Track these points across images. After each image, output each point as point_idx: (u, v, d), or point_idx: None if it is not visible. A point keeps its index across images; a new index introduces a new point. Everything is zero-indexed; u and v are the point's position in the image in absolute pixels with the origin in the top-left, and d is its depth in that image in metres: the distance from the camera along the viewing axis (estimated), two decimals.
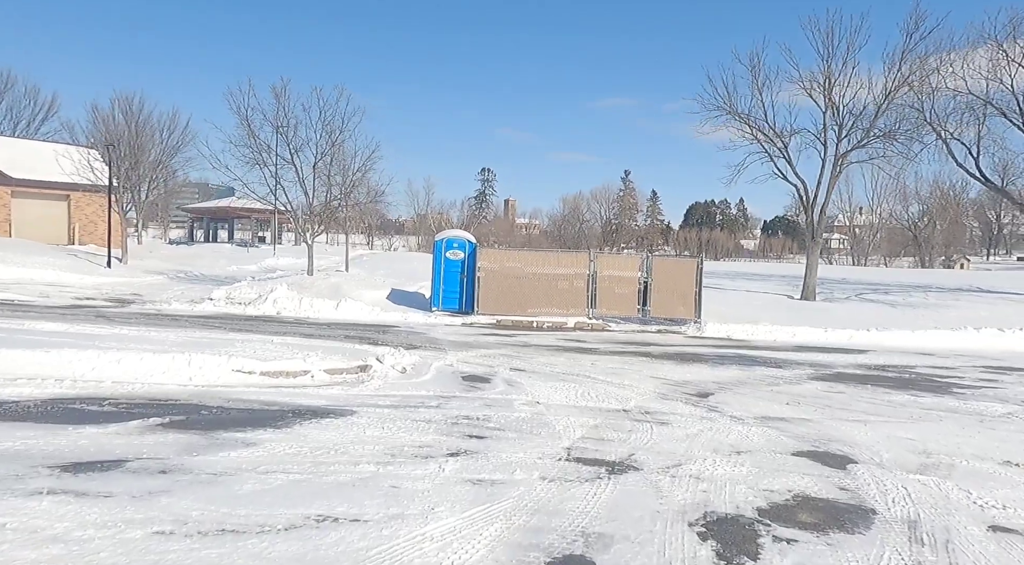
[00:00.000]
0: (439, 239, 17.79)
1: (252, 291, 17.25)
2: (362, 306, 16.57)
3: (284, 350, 8.85)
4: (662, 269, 17.81)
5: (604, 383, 9.59)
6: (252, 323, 13.88)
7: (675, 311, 17.86)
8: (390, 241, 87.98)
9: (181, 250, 46.47)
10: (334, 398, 6.94)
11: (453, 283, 17.72)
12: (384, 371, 8.53)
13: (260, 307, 16.02)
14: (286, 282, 17.73)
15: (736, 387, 9.98)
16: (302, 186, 19.03)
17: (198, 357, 7.38)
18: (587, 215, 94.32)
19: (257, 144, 18.11)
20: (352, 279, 20.21)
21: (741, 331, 17.02)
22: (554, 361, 11.49)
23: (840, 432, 7.21)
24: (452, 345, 12.63)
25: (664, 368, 11.47)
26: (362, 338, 12.50)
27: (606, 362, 11.81)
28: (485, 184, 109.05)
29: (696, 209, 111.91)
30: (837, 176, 26.35)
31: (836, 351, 14.92)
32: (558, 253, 18.54)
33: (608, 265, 17.86)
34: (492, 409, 7.02)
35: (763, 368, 12.07)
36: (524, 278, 17.46)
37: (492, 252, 17.74)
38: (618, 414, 7.39)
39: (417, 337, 13.50)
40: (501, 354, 11.86)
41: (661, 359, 12.57)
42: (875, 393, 10.06)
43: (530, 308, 17.47)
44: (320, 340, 11.73)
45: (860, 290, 30.12)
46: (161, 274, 22.20)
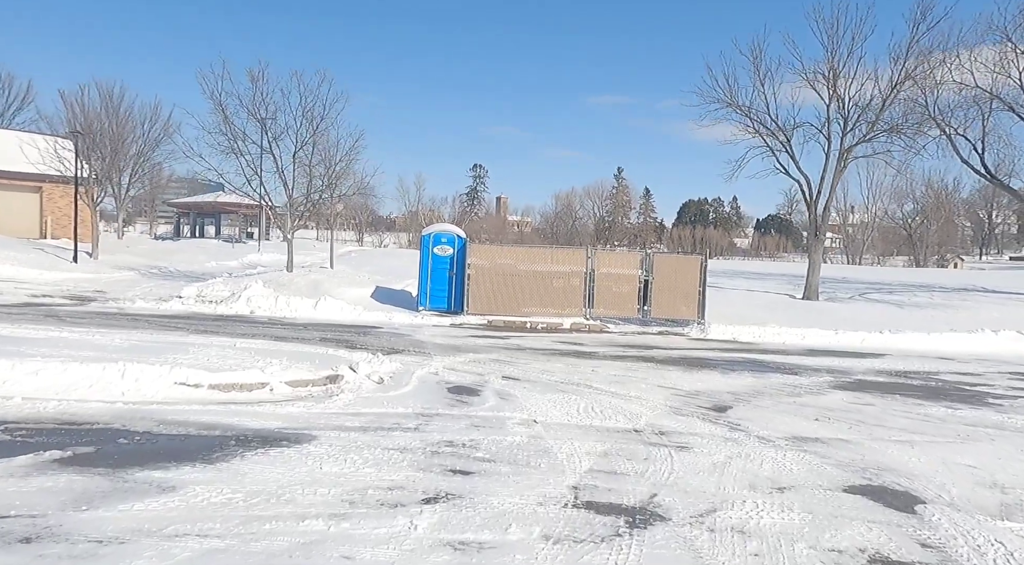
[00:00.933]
0: (426, 234, 16.65)
1: (225, 289, 16.06)
2: (343, 305, 15.42)
3: (244, 357, 7.71)
4: (664, 267, 16.75)
5: (608, 394, 8.50)
6: (220, 324, 12.70)
7: (677, 312, 16.80)
8: (380, 238, 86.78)
9: (163, 245, 45.06)
10: (292, 418, 5.82)
11: (441, 281, 16.59)
12: (358, 382, 7.41)
13: (233, 306, 14.84)
14: (262, 279, 16.56)
15: (754, 398, 8.93)
16: (281, 177, 17.86)
17: (134, 368, 6.24)
18: (580, 212, 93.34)
19: (232, 131, 16.94)
20: (335, 276, 19.05)
21: (747, 333, 15.98)
22: (551, 368, 10.39)
23: (888, 458, 6.16)
24: (438, 349, 11.52)
25: (672, 375, 10.40)
26: (339, 341, 11.36)
27: (608, 368, 10.73)
28: (477, 180, 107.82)
29: (689, 207, 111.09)
30: (842, 171, 25.37)
31: (850, 355, 13.91)
32: (553, 249, 17.47)
33: (606, 262, 16.78)
34: (481, 431, 5.92)
35: (778, 375, 11.03)
36: (517, 276, 16.37)
37: (483, 248, 16.64)
38: (629, 436, 6.31)
39: (400, 340, 12.37)
40: (492, 360, 10.75)
41: (667, 365, 11.51)
42: (907, 405, 9.04)
43: (523, 308, 16.37)
44: (292, 343, 10.59)
45: (863, 289, 29.23)
46: (133, 270, 20.97)
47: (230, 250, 40.40)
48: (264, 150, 17.60)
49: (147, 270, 21.51)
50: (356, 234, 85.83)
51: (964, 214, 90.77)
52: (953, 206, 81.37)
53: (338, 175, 18.51)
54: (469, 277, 16.14)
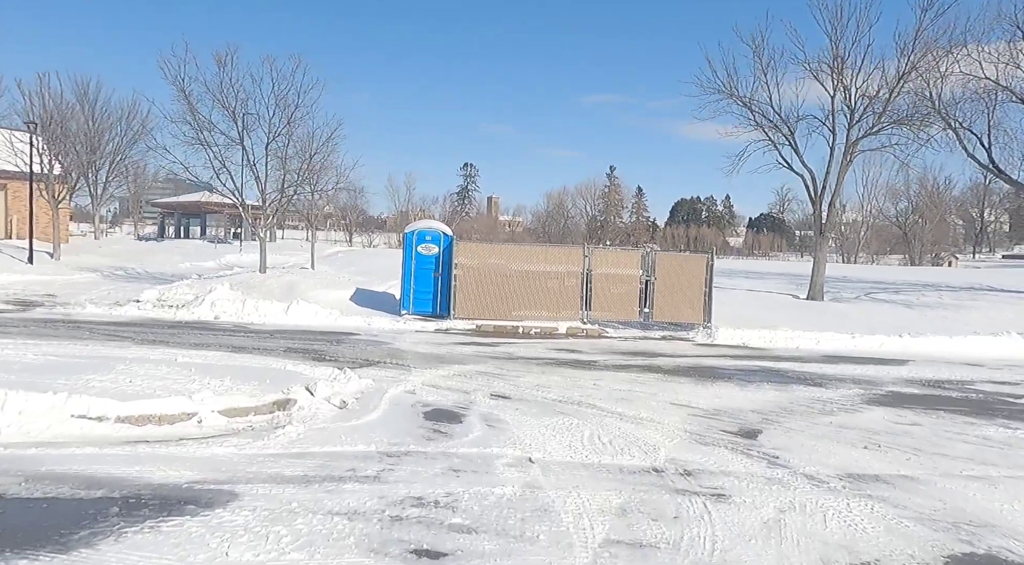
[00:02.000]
0: (409, 231, 15.32)
1: (190, 292, 14.70)
2: (318, 309, 14.07)
3: (180, 376, 6.38)
4: (666, 267, 15.50)
5: (615, 416, 7.22)
6: (174, 332, 11.34)
7: (681, 314, 15.55)
8: (370, 238, 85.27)
9: (140, 246, 43.49)
10: (215, 465, 4.47)
11: (426, 282, 15.27)
12: (314, 408, 6.09)
13: (195, 310, 13.48)
14: (229, 281, 15.19)
15: (784, 418, 7.67)
16: (252, 170, 16.49)
17: (19, 396, 4.91)
18: (572, 211, 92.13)
19: (198, 120, 15.57)
20: (312, 278, 17.69)
21: (758, 338, 14.74)
22: (546, 381, 9.10)
23: (975, 505, 4.91)
24: (419, 359, 10.20)
25: (684, 390, 9.13)
26: (306, 352, 10.03)
27: (611, 381, 9.46)
28: (468, 179, 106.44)
29: (682, 206, 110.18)
30: (848, 165, 24.22)
31: (871, 361, 12.71)
32: (547, 248, 16.17)
33: (605, 262, 15.50)
34: (461, 478, 4.62)
35: (801, 387, 9.80)
36: (508, 276, 15.07)
37: (471, 246, 15.33)
38: (649, 480, 5.04)
39: (377, 349, 11.04)
40: (480, 372, 9.45)
41: (676, 376, 10.25)
42: (957, 425, 7.82)
43: (515, 311, 15.08)
44: (249, 355, 9.25)
45: (867, 289, 28.11)
46: (96, 272, 19.55)
47: (212, 251, 38.93)
48: (233, 141, 16.24)
49: (112, 272, 20.07)
50: (346, 234, 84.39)
51: (956, 212, 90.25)
52: (945, 204, 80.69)
53: (315, 168, 17.15)
54: (456, 278, 14.83)
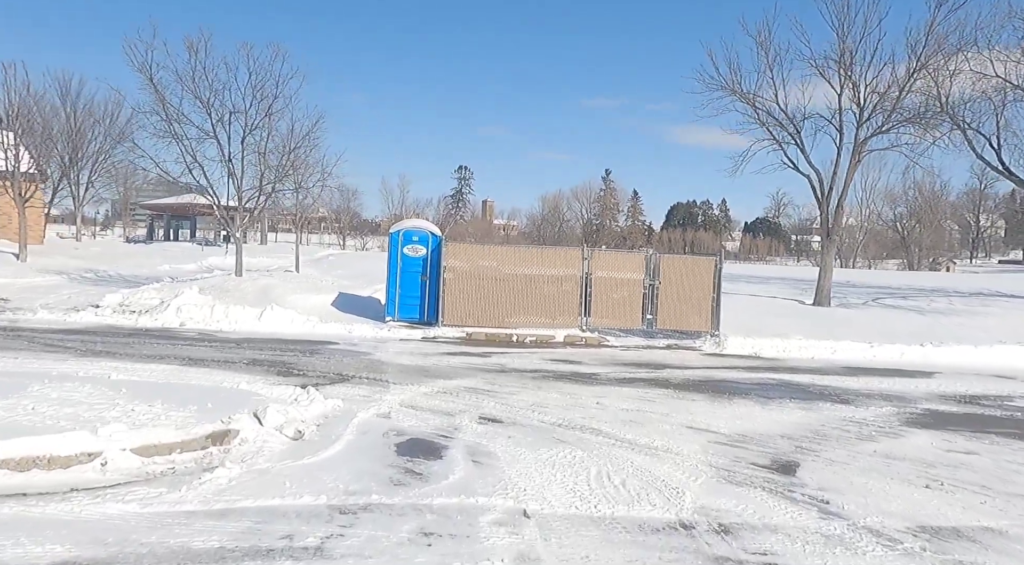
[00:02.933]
0: (395, 231, 14.20)
1: (156, 296, 13.54)
2: (294, 316, 12.94)
3: (98, 402, 5.25)
4: (672, 270, 14.41)
5: (626, 446, 6.12)
6: (128, 341, 10.20)
7: (687, 322, 14.46)
8: (363, 241, 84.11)
9: (123, 247, 42.26)
10: (101, 532, 3.28)
11: (412, 286, 14.16)
12: (260, 441, 4.97)
13: (159, 317, 12.33)
14: (200, 285, 14.04)
15: (820, 445, 6.59)
16: (227, 166, 15.37)
17: None
18: (567, 214, 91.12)
19: (167, 111, 14.43)
20: (292, 281, 16.55)
21: (770, 347, 13.66)
22: (543, 400, 8.00)
23: None
24: (400, 373, 9.08)
25: (699, 409, 8.05)
26: (272, 365, 8.90)
27: (616, 398, 8.37)
28: (462, 182, 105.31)
29: (678, 210, 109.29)
30: (856, 165, 23.18)
31: (895, 373, 11.66)
32: (544, 250, 15.09)
33: (605, 265, 14.41)
34: (433, 550, 3.49)
35: (828, 405, 8.74)
36: (502, 280, 13.96)
37: (462, 247, 14.22)
38: (677, 542, 3.94)
39: (355, 360, 9.92)
40: (468, 389, 8.33)
41: (687, 391, 9.17)
42: (1016, 452, 6.78)
43: (509, 318, 13.97)
44: (204, 370, 8.12)
45: (873, 294, 27.12)
46: (63, 274, 18.37)
47: (198, 253, 37.77)
48: (207, 134, 15.11)
49: (80, 275, 18.89)
50: (339, 238, 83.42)
51: (951, 217, 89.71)
52: (941, 209, 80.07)
53: (295, 164, 16.02)
54: (445, 282, 13.72)
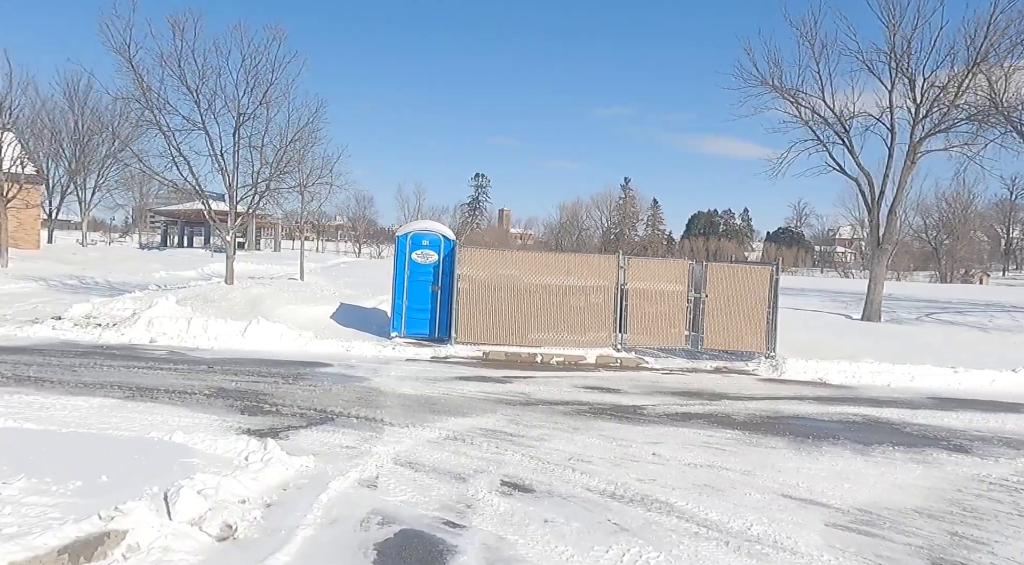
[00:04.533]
0: (402, 233, 12.42)
1: (128, 307, 11.85)
2: (284, 331, 11.17)
3: None
4: (720, 281, 12.49)
5: (713, 537, 4.24)
6: (76, 364, 8.46)
7: (738, 340, 12.52)
8: (379, 249, 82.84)
9: (126, 253, 41.05)
10: None
11: (422, 298, 12.36)
12: (159, 547, 3.15)
13: (126, 331, 10.62)
14: (180, 294, 12.34)
15: (980, 530, 4.69)
16: (218, 161, 13.72)
17: None
18: (586, 223, 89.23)
19: (149, 98, 12.77)
20: (288, 290, 14.81)
21: (837, 372, 11.67)
22: (583, 449, 6.14)
23: None
24: (402, 409, 7.25)
25: (785, 461, 6.17)
26: (240, 397, 7.11)
27: (676, 446, 6.49)
28: (479, 190, 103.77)
29: (698, 219, 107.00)
30: (911, 167, 21.13)
31: (998, 407, 9.68)
32: (572, 257, 13.22)
33: (642, 274, 12.52)
34: None
35: (945, 455, 6.83)
36: (524, 292, 12.13)
37: (478, 254, 12.40)
38: None
39: (347, 390, 8.10)
40: (485, 432, 6.49)
41: (760, 433, 7.28)
42: None
43: (532, 334, 12.13)
44: (148, 404, 6.35)
45: (923, 309, 25.00)
46: (43, 281, 16.82)
47: (207, 259, 36.32)
48: (194, 125, 13.46)
49: (62, 281, 17.32)
50: (355, 245, 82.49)
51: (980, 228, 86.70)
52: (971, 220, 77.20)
53: (292, 159, 14.32)
54: (459, 293, 11.90)
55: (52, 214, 47.85)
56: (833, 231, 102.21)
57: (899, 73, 20.35)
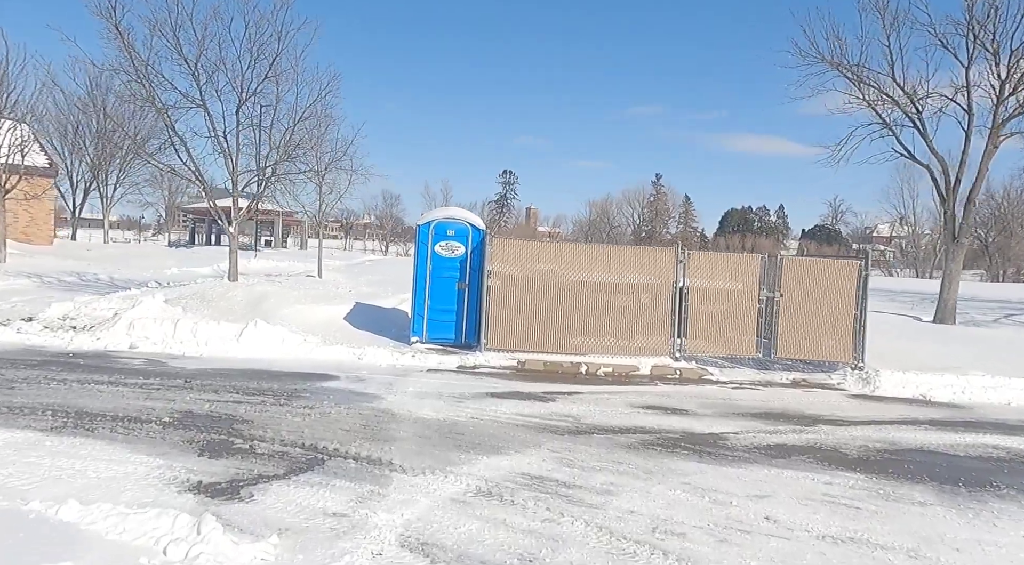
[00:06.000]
0: (424, 222, 10.72)
1: (112, 306, 10.37)
2: (286, 335, 9.57)
3: None
4: (797, 278, 10.59)
5: None
6: (20, 377, 6.91)
7: (818, 348, 10.62)
8: (406, 247, 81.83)
9: (143, 249, 40.15)
10: None
11: (446, 296, 10.67)
12: None
13: (102, 335, 9.11)
14: (167, 293, 10.82)
15: None
16: (219, 143, 12.21)
17: None
18: (617, 220, 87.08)
19: (138, 69, 11.26)
20: (299, 289, 13.24)
21: (942, 387, 9.72)
22: (668, 510, 4.39)
23: None
24: (418, 444, 5.55)
25: (956, 533, 4.38)
26: (208, 426, 5.47)
27: (791, 502, 4.72)
28: (506, 187, 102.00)
29: (732, 216, 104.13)
30: (992, 152, 18.85)
31: None
32: (622, 250, 11.39)
33: (703, 271, 10.67)
34: None
35: None
36: (565, 290, 10.37)
37: (512, 246, 10.65)
38: None
39: (351, 412, 6.43)
40: (528, 480, 4.77)
41: (892, 479, 5.47)
42: None
43: (574, 339, 10.37)
44: (78, 440, 4.78)
45: (998, 310, 22.70)
46: (39, 277, 15.53)
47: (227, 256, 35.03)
48: (192, 102, 11.94)
49: (60, 278, 16.00)
50: (382, 243, 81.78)
51: None
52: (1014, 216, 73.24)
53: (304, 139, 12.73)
54: (490, 291, 10.19)
55: (76, 211, 47.29)
56: (871, 228, 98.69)
57: (979, 47, 18.13)
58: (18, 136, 17.86)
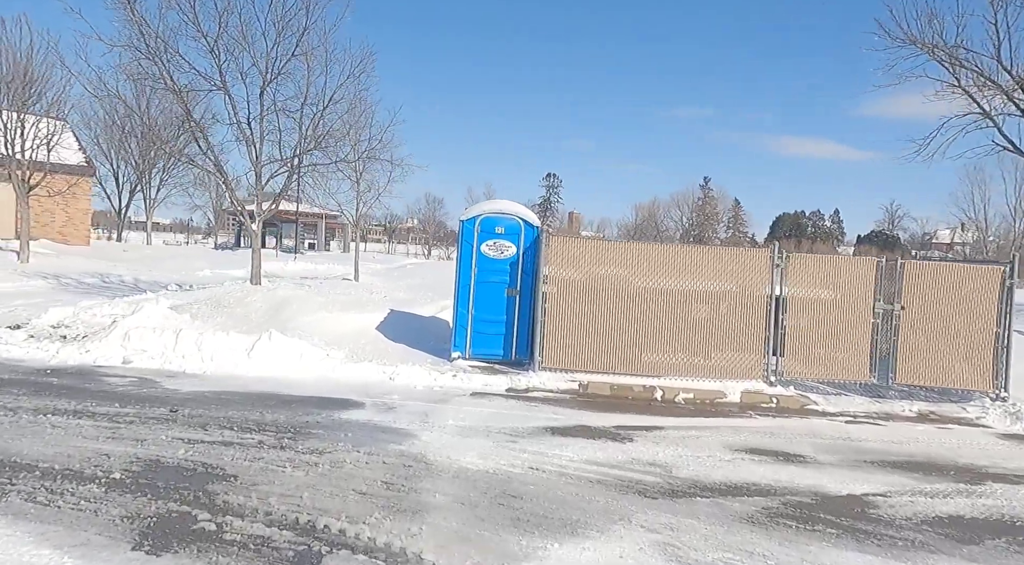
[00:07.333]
0: (468, 217, 9.14)
1: (110, 313, 9.08)
2: (306, 349, 8.11)
3: None
4: (924, 286, 8.67)
5: None
6: None
7: (947, 373, 8.67)
8: (447, 251, 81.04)
9: (191, 251, 39.76)
10: None
11: (494, 306, 9.08)
12: None
13: (93, 347, 7.79)
14: (175, 298, 9.51)
15: None
16: (241, 130, 10.88)
17: None
18: (664, 224, 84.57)
19: (149, 46, 9.97)
20: (326, 294, 11.82)
21: None
22: None
23: None
24: (459, 518, 3.95)
25: None
26: (178, 486, 3.97)
27: None
28: (550, 190, 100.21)
29: (784, 220, 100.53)
30: None
31: None
32: (704, 250, 9.61)
33: (805, 277, 8.83)
34: None
35: None
36: (633, 298, 8.68)
37: (573, 245, 8.99)
38: None
39: (372, 465, 4.86)
40: None
41: None
42: None
43: (645, 357, 8.67)
44: None
45: None
46: (57, 278, 14.55)
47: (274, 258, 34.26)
48: (211, 84, 10.65)
49: (80, 279, 14.99)
50: (425, 247, 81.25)
51: None
52: None
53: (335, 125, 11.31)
54: (546, 299, 8.56)
55: (121, 212, 47.38)
56: (930, 234, 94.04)
57: None
58: (44, 131, 16.98)
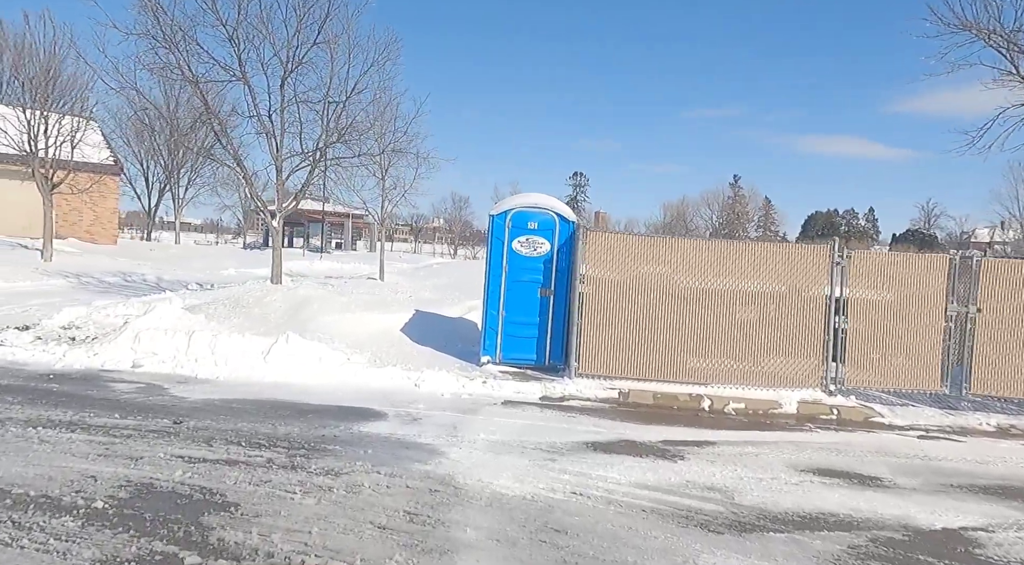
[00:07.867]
0: (499, 212, 8.52)
1: (123, 313, 8.65)
2: (326, 353, 7.58)
3: None
4: (1004, 286, 7.84)
5: None
6: None
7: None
8: (474, 250, 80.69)
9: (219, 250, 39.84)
10: None
11: (526, 306, 8.45)
12: None
13: (101, 350, 7.34)
14: (192, 297, 9.06)
15: None
16: (261, 122, 10.43)
17: None
18: (693, 223, 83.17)
19: (164, 32, 9.54)
20: (349, 294, 11.31)
21: None
22: None
23: None
24: (494, 555, 3.32)
25: None
26: (169, 516, 3.42)
27: None
28: (577, 189, 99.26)
29: (816, 219, 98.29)
30: None
31: None
32: (757, 247, 8.86)
33: (869, 277, 8.07)
34: None
35: None
36: (678, 299, 7.99)
37: (612, 241, 8.32)
38: None
39: (393, 489, 4.27)
40: None
41: None
42: None
43: (690, 362, 7.98)
44: None
45: None
46: (78, 277, 14.28)
47: (300, 258, 34.09)
48: (232, 75, 10.19)
49: (101, 278, 14.70)
50: (451, 247, 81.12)
51: None
52: None
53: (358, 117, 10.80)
54: (583, 299, 7.91)
55: (151, 212, 47.73)
56: (968, 233, 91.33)
57: None
58: (68, 128, 16.77)
